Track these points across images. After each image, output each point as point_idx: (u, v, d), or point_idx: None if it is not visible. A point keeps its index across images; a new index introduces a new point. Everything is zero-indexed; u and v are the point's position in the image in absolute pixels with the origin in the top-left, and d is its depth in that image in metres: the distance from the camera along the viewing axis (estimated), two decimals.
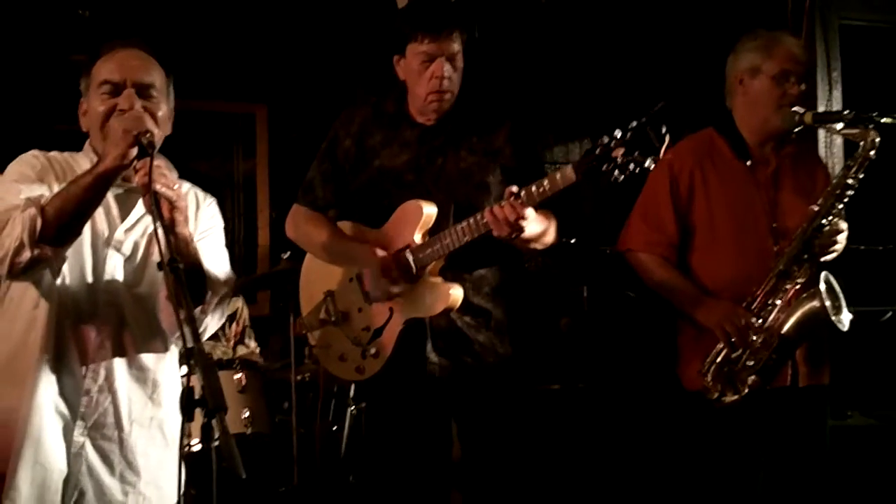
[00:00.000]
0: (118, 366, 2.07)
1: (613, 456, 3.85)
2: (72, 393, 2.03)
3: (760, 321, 2.62)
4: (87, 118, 2.09)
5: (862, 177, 2.59)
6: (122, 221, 2.09)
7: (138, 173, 1.89)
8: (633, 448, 3.85)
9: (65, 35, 4.45)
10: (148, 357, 2.12)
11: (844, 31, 4.63)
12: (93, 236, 2.06)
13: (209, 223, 2.22)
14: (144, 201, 1.90)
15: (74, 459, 2.03)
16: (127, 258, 2.09)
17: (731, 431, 2.67)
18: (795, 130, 2.69)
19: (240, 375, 3.80)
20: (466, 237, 2.46)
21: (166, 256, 1.68)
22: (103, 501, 2.06)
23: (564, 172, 2.30)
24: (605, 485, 3.80)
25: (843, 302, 2.63)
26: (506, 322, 2.67)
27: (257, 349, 4.49)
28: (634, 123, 2.24)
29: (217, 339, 4.35)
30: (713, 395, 2.65)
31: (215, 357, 4.13)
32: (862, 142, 2.58)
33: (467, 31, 2.59)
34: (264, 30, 4.83)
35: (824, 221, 2.61)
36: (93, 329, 2.04)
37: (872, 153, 2.57)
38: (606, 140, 2.25)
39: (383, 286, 2.56)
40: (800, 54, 2.75)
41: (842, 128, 2.65)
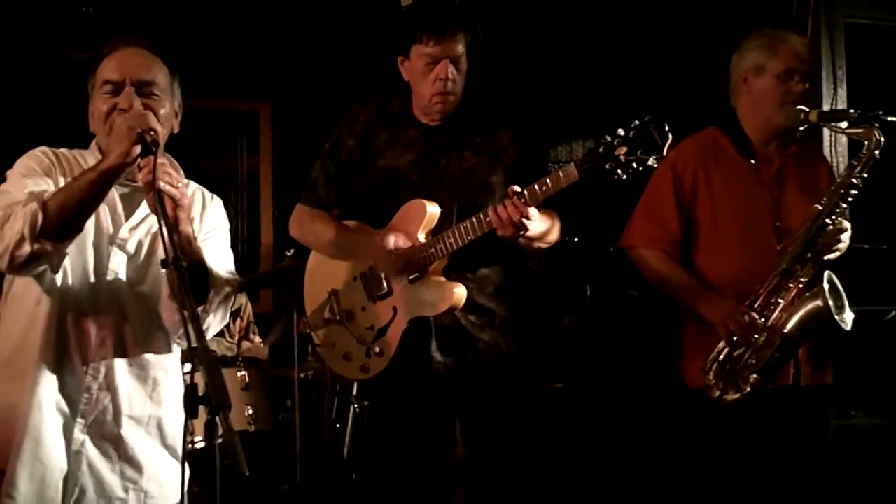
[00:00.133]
0: (118, 364, 2.06)
1: (616, 454, 3.85)
2: (72, 390, 2.03)
3: (763, 320, 2.62)
4: (93, 119, 2.09)
5: (866, 176, 2.59)
6: (127, 220, 2.09)
7: (142, 171, 1.88)
8: (636, 446, 3.85)
9: (68, 33, 4.46)
10: (148, 355, 2.11)
11: (849, 30, 4.61)
12: (97, 234, 2.06)
13: (214, 223, 2.21)
14: (148, 199, 1.90)
15: (75, 457, 2.02)
16: (130, 257, 2.09)
17: (734, 430, 2.67)
18: (800, 129, 2.69)
19: (243, 373, 3.81)
20: (470, 236, 2.46)
21: (170, 254, 1.68)
22: (104, 498, 2.05)
23: (568, 171, 2.31)
24: (608, 483, 3.80)
25: (846, 301, 2.63)
26: (510, 321, 2.67)
27: (262, 344, 4.50)
28: (637, 122, 2.25)
29: (221, 336, 4.36)
30: (715, 394, 2.64)
31: (219, 354, 4.14)
32: (867, 141, 2.58)
33: (471, 33, 2.59)
34: (268, 27, 4.83)
35: (828, 220, 2.61)
36: (94, 327, 2.04)
37: (877, 152, 2.57)
38: (610, 138, 2.26)
39: (394, 264, 2.55)
40: (804, 52, 2.74)
41: (847, 127, 2.64)
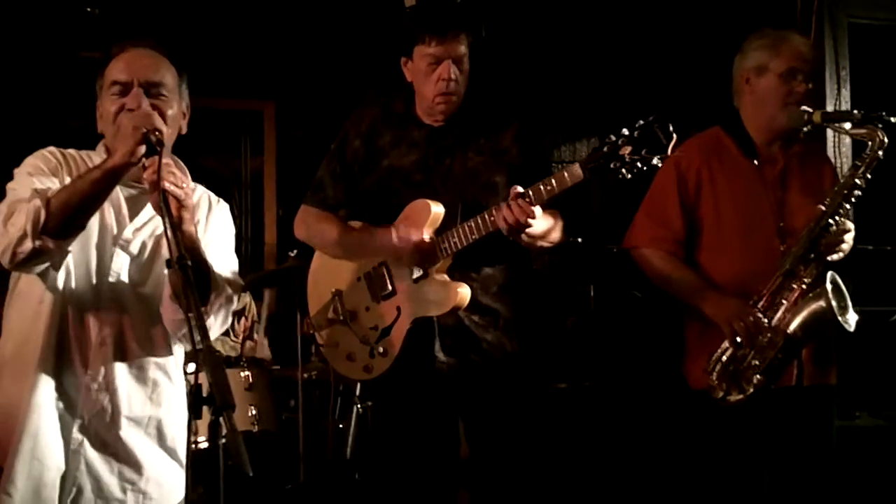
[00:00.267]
0: (118, 364, 2.06)
1: (619, 455, 3.85)
2: (71, 389, 2.03)
3: (766, 320, 2.61)
4: (102, 120, 2.09)
5: (870, 177, 2.59)
6: (132, 221, 2.09)
7: (147, 171, 1.89)
8: (639, 447, 3.84)
9: (74, 33, 4.47)
10: (148, 357, 2.11)
11: (853, 30, 4.60)
12: (101, 235, 2.06)
13: (220, 227, 2.21)
14: (152, 199, 1.90)
15: (73, 457, 2.02)
16: (133, 258, 2.09)
17: (737, 431, 2.67)
18: (804, 130, 2.69)
19: (247, 373, 3.82)
20: (475, 235, 2.46)
21: (174, 254, 1.68)
22: (102, 499, 2.05)
23: (572, 170, 2.31)
24: (611, 484, 3.80)
25: (850, 302, 2.63)
26: (514, 321, 2.67)
27: (265, 342, 4.51)
28: (642, 122, 2.25)
29: (226, 335, 4.36)
30: (718, 395, 2.64)
31: (224, 354, 4.15)
32: (870, 141, 2.57)
33: (473, 33, 2.60)
34: (272, 27, 4.84)
35: (831, 221, 2.60)
36: (94, 327, 2.04)
37: (881, 153, 2.57)
38: (614, 138, 2.26)
39: (409, 256, 2.56)
40: (807, 52, 2.74)
41: (850, 127, 2.64)
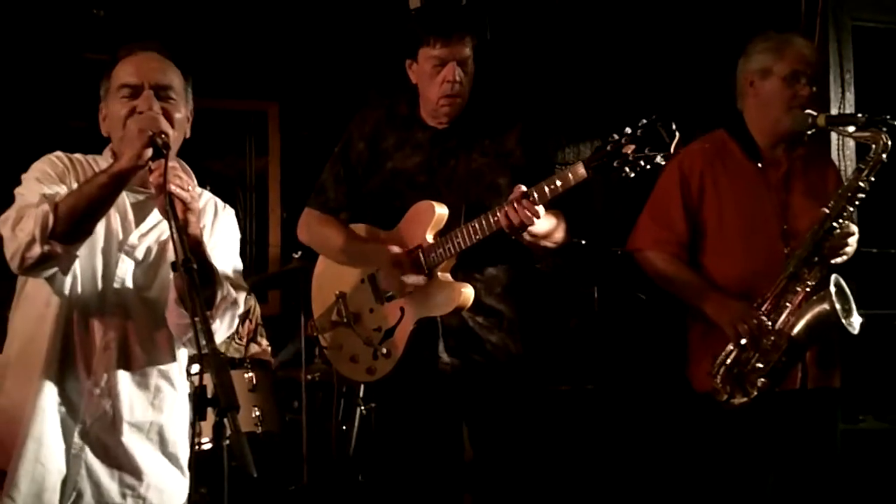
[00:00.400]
0: (121, 369, 2.06)
1: (623, 458, 3.85)
2: (74, 394, 2.03)
3: (770, 323, 2.61)
4: (108, 122, 2.09)
5: (873, 180, 2.59)
6: (138, 227, 2.10)
7: (153, 174, 1.89)
8: (643, 450, 3.84)
9: (79, 34, 4.48)
10: (152, 362, 2.11)
11: (857, 33, 4.59)
12: (107, 240, 2.07)
13: (225, 232, 2.22)
14: (158, 202, 1.90)
15: (73, 461, 2.03)
16: (138, 263, 2.10)
17: (741, 434, 2.67)
18: (808, 133, 2.69)
19: (250, 374, 3.82)
20: (478, 235, 2.47)
21: (180, 257, 1.68)
22: (101, 503, 2.06)
23: (575, 169, 2.32)
24: (615, 486, 3.80)
25: (854, 305, 2.63)
26: (518, 322, 2.67)
27: (268, 347, 4.51)
28: (645, 120, 2.26)
29: (230, 338, 4.36)
30: (722, 397, 2.64)
31: (228, 355, 4.15)
32: (874, 145, 2.58)
33: (478, 35, 2.61)
34: (276, 28, 4.83)
35: (835, 224, 2.60)
36: (99, 331, 2.04)
37: (885, 156, 2.57)
38: (617, 137, 2.27)
39: (396, 280, 2.57)
40: (810, 55, 2.74)
41: (854, 130, 2.64)
